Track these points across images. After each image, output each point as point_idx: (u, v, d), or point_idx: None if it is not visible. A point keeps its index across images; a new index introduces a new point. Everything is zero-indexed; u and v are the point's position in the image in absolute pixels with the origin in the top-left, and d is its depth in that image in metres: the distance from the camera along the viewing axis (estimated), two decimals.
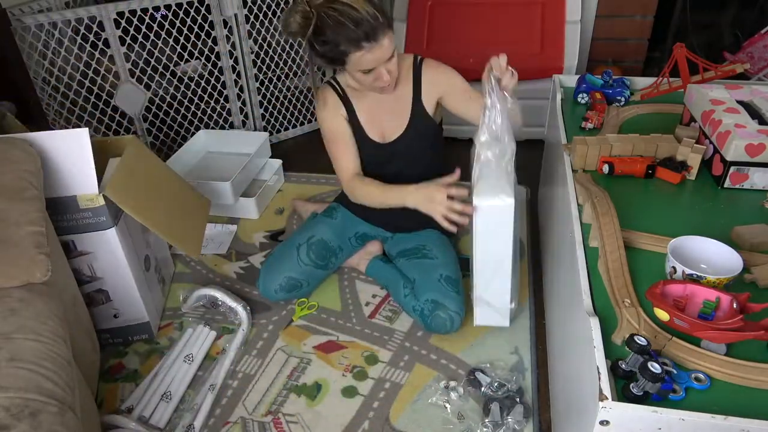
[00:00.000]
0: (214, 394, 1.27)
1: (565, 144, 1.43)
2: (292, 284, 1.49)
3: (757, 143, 1.18)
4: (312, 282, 1.54)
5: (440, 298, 1.36)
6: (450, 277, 1.40)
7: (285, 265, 1.50)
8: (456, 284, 1.40)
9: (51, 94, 1.97)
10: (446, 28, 2.25)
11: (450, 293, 1.37)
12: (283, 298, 1.52)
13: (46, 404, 0.82)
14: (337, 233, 1.58)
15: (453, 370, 1.33)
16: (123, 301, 1.37)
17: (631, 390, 0.78)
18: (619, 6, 2.38)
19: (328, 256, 1.54)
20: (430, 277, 1.40)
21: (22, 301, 0.95)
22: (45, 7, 2.01)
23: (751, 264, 1.01)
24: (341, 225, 1.59)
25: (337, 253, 1.57)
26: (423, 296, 1.38)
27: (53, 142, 1.18)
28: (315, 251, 1.52)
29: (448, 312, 1.35)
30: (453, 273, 1.42)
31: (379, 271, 1.58)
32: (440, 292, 1.37)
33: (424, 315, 1.37)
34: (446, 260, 1.46)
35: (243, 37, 2.21)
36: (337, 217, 1.60)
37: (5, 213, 1.00)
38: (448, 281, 1.39)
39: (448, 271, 1.42)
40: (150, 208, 1.30)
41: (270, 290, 1.49)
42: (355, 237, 1.62)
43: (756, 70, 2.32)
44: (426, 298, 1.37)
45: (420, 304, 1.38)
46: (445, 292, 1.37)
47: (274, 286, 1.48)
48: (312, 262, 1.51)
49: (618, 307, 0.93)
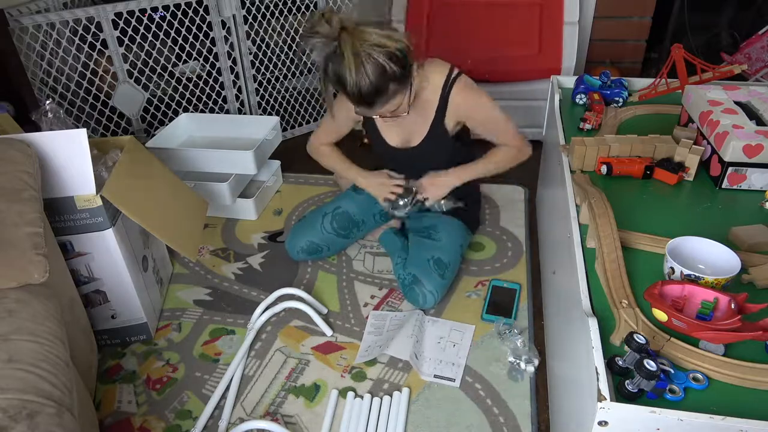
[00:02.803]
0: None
1: (564, 145, 1.43)
2: (313, 248, 1.63)
3: (754, 144, 1.18)
4: (333, 248, 1.67)
5: (421, 275, 1.45)
6: (441, 260, 1.48)
7: (309, 231, 1.64)
8: (444, 268, 1.47)
9: (49, 95, 1.97)
10: (445, 29, 2.25)
11: (432, 274, 1.45)
12: (304, 259, 1.67)
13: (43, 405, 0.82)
14: (362, 208, 1.67)
15: None
16: (120, 301, 1.37)
17: (626, 387, 0.79)
18: (617, 7, 2.39)
19: (350, 227, 1.66)
20: (421, 255, 1.49)
21: (20, 302, 0.95)
22: (43, 8, 2.01)
23: (749, 264, 1.01)
24: (367, 201, 1.67)
25: (359, 226, 1.68)
26: (408, 269, 1.49)
27: (51, 142, 1.17)
28: (338, 221, 1.64)
29: (423, 289, 1.44)
30: (446, 257, 1.49)
31: (388, 241, 1.70)
32: (424, 270, 1.46)
33: (404, 285, 1.49)
34: (446, 245, 1.52)
35: (241, 38, 2.21)
36: (363, 193, 1.67)
37: (3, 214, 1.00)
38: (437, 263, 1.47)
39: (442, 254, 1.49)
40: (147, 209, 1.30)
41: (294, 250, 1.65)
42: (380, 214, 1.70)
43: (754, 71, 2.33)
44: (410, 271, 1.47)
45: (404, 274, 1.49)
46: (428, 272, 1.45)
47: (296, 247, 1.64)
48: (333, 230, 1.63)
49: (616, 308, 0.93)
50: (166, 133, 2.00)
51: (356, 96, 1.23)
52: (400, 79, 1.25)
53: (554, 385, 1.20)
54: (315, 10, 1.24)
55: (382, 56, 1.19)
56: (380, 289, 1.59)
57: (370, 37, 1.19)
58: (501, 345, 1.37)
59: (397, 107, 1.32)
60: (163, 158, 1.85)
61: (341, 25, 1.18)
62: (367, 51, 1.18)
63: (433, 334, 1.41)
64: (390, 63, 1.20)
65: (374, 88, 1.22)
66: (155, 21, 2.04)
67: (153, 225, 1.29)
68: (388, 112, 1.32)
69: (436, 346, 1.38)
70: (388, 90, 1.24)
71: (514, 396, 1.25)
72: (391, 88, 1.24)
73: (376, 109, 1.28)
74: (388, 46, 1.20)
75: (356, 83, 1.20)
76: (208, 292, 1.61)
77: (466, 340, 1.39)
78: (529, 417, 1.20)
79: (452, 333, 1.42)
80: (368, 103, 1.26)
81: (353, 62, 1.18)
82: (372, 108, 1.28)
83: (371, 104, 1.26)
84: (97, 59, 2.00)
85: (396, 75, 1.23)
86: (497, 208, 1.93)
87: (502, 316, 1.44)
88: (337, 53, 1.19)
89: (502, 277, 1.61)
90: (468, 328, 1.43)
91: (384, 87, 1.23)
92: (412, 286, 1.45)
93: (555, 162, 1.50)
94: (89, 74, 2.00)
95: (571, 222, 1.14)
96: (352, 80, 1.20)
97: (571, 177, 1.29)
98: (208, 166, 1.86)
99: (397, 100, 1.29)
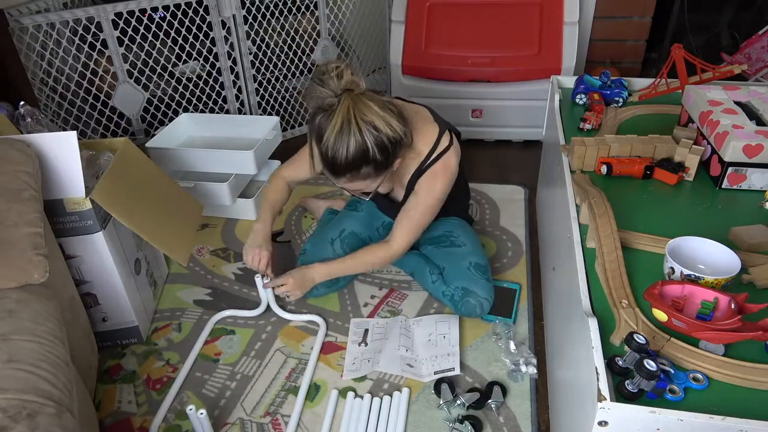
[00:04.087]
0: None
1: (564, 145, 1.43)
2: (330, 279, 1.49)
3: (754, 144, 1.18)
4: (347, 276, 1.56)
5: (470, 285, 1.40)
6: (479, 264, 1.44)
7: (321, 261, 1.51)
8: (485, 271, 1.44)
9: (49, 95, 1.97)
10: (445, 29, 2.25)
11: (480, 280, 1.41)
12: (323, 294, 1.55)
13: (43, 406, 0.82)
14: (365, 224, 1.62)
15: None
16: (111, 304, 1.36)
17: (626, 387, 0.79)
18: (617, 7, 2.39)
19: (360, 247, 1.54)
20: (459, 266, 1.44)
21: (20, 303, 0.95)
22: (43, 8, 2.01)
23: (749, 264, 1.01)
24: (368, 216, 1.63)
25: (368, 243, 1.60)
26: (453, 283, 1.42)
27: (42, 144, 1.17)
28: (348, 243, 1.56)
29: (478, 298, 1.39)
30: (481, 260, 1.46)
31: (404, 259, 1.58)
32: (470, 279, 1.41)
33: (455, 300, 1.42)
34: (474, 247, 1.50)
35: (241, 38, 2.21)
36: (362, 209, 1.64)
37: (3, 214, 1.00)
38: (477, 268, 1.43)
39: (477, 258, 1.46)
40: (138, 212, 1.29)
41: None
42: (383, 226, 1.65)
43: (754, 71, 2.33)
44: (456, 285, 1.41)
45: (450, 290, 1.43)
46: (476, 280, 1.41)
47: None
48: (346, 254, 1.52)
49: (616, 308, 0.93)
50: (166, 133, 1.99)
51: (328, 159, 1.17)
52: (378, 166, 1.20)
53: (554, 385, 1.20)
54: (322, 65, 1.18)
55: (370, 137, 1.14)
56: (380, 289, 1.59)
57: (368, 113, 1.13)
58: (500, 345, 1.37)
59: (362, 189, 1.27)
60: (163, 158, 1.85)
61: (348, 87, 1.14)
62: (359, 125, 1.13)
63: (422, 334, 1.41)
64: (375, 148, 1.15)
65: (347, 163, 1.16)
66: (155, 21, 2.04)
67: (144, 229, 1.28)
68: (351, 188, 1.27)
69: (427, 344, 1.38)
70: (360, 170, 1.19)
71: (514, 396, 1.25)
72: (364, 170, 1.19)
73: (340, 181, 1.23)
74: (381, 131, 1.15)
75: (333, 148, 1.14)
76: (208, 292, 1.61)
77: (453, 328, 1.41)
78: (529, 417, 1.20)
79: (438, 325, 1.42)
80: (335, 173, 1.20)
81: (339, 128, 1.13)
82: (337, 178, 1.22)
83: (337, 175, 1.21)
84: (97, 59, 2.01)
85: (375, 161, 1.18)
86: (497, 208, 1.93)
87: (501, 316, 1.44)
88: (330, 110, 1.14)
89: (502, 277, 1.61)
90: (452, 318, 1.44)
91: (358, 166, 1.17)
92: (466, 299, 1.39)
93: (555, 162, 1.50)
94: (89, 74, 2.00)
95: (571, 222, 1.14)
96: (330, 143, 1.14)
97: (571, 177, 1.29)
98: (208, 166, 1.86)
99: (366, 182, 1.24)
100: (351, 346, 1.40)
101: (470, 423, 1.17)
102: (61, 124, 2.02)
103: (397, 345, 1.37)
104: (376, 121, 1.14)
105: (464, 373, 1.31)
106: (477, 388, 1.26)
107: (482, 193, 2.00)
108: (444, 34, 2.25)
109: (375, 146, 1.15)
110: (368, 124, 1.14)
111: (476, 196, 1.99)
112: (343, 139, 1.13)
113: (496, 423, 1.19)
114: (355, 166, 1.18)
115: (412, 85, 2.27)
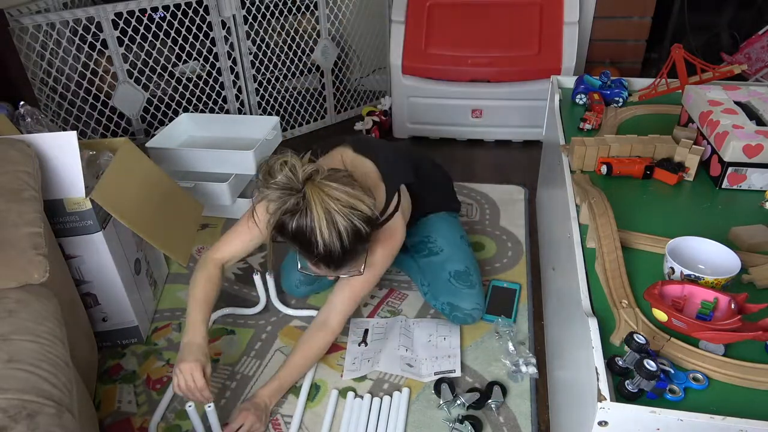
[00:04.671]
0: None
1: (564, 145, 1.43)
2: (310, 277, 1.46)
3: (754, 144, 1.18)
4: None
5: (454, 300, 1.39)
6: (458, 271, 1.42)
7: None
8: (466, 277, 1.41)
9: (49, 95, 1.97)
10: (445, 29, 2.25)
11: (461, 291, 1.39)
12: (305, 293, 1.55)
13: (43, 406, 0.82)
14: None
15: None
16: (111, 304, 1.36)
17: (626, 387, 0.79)
18: (617, 7, 2.39)
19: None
20: (440, 278, 1.42)
21: (20, 303, 0.95)
22: (43, 8, 2.01)
23: (749, 264, 1.01)
24: None
25: None
26: (439, 298, 1.42)
27: (42, 144, 1.17)
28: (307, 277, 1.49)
29: (464, 312, 1.39)
30: (460, 265, 1.43)
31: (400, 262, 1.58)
32: (453, 293, 1.40)
33: (446, 314, 1.42)
34: (451, 251, 1.46)
35: (241, 38, 2.21)
36: None
37: (3, 214, 1.00)
38: (457, 278, 1.41)
39: (456, 264, 1.43)
40: (138, 212, 1.30)
41: (292, 286, 1.54)
42: None
43: (754, 71, 2.33)
44: (443, 300, 1.41)
45: (439, 303, 1.43)
46: (457, 292, 1.39)
47: (294, 281, 1.52)
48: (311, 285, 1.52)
49: (616, 308, 0.93)
50: (166, 133, 1.99)
51: (323, 258, 1.09)
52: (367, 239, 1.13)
53: (554, 385, 1.20)
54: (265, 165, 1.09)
55: (354, 218, 1.07)
56: (380, 289, 1.59)
57: (340, 196, 1.06)
58: (500, 345, 1.37)
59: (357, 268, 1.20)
60: (163, 158, 1.85)
61: (307, 177, 1.07)
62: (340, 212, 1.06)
63: (422, 335, 1.41)
64: (362, 224, 1.09)
65: (345, 250, 1.09)
66: (155, 21, 2.04)
67: (143, 229, 1.28)
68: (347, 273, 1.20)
69: (427, 345, 1.38)
70: (357, 252, 1.13)
71: (514, 396, 1.25)
72: (359, 249, 1.14)
73: (341, 271, 1.17)
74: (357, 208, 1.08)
75: (328, 243, 1.06)
76: None
77: (454, 330, 1.41)
78: (529, 417, 1.20)
79: (439, 327, 1.42)
80: (336, 265, 1.12)
81: (324, 222, 1.05)
82: (338, 270, 1.15)
83: (339, 267, 1.13)
84: (97, 59, 2.00)
85: (368, 235, 1.12)
86: (497, 208, 1.93)
87: (501, 316, 1.44)
88: (298, 209, 1.06)
89: (502, 277, 1.61)
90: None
91: (354, 248, 1.11)
92: (454, 314, 1.39)
93: (555, 162, 1.50)
94: (89, 74, 2.00)
95: (571, 222, 1.14)
96: (321, 242, 1.06)
97: (571, 177, 1.29)
98: (208, 166, 1.86)
99: (360, 260, 1.18)
100: (351, 346, 1.40)
101: (470, 423, 1.17)
102: (61, 124, 2.02)
103: (397, 345, 1.37)
104: (350, 201, 1.08)
105: (464, 373, 1.31)
106: (477, 388, 1.26)
107: (482, 193, 2.00)
108: (444, 34, 2.25)
109: (362, 222, 1.09)
110: (346, 206, 1.07)
111: (476, 196, 1.99)
112: (332, 232, 1.06)
113: (496, 423, 1.19)
114: (353, 249, 1.11)
115: (412, 85, 2.27)
